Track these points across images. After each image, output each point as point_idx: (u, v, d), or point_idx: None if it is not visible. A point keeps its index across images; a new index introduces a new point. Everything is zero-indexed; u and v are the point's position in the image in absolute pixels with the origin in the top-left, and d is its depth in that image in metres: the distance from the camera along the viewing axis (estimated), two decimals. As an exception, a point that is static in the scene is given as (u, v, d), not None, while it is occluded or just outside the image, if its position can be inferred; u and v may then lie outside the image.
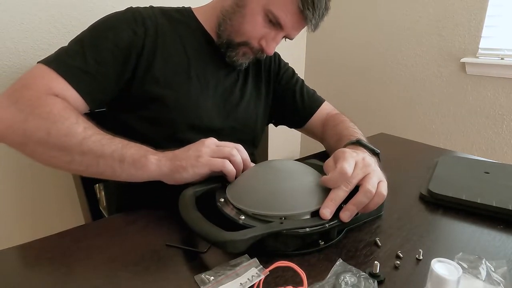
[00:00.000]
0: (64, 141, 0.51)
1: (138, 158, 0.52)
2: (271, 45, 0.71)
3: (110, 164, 0.52)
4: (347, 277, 0.36)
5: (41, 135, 0.51)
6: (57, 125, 0.52)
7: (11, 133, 0.52)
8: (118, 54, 0.64)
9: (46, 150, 0.52)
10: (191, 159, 0.52)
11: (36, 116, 0.52)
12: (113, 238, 0.48)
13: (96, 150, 0.52)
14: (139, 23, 0.67)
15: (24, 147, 0.53)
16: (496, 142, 1.36)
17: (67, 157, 0.52)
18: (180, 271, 0.40)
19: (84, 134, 0.52)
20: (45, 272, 0.40)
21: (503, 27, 1.29)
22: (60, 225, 1.11)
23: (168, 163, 0.52)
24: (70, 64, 0.60)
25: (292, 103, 0.87)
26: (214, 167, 0.52)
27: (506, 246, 0.45)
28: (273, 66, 0.86)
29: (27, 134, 0.52)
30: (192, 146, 0.54)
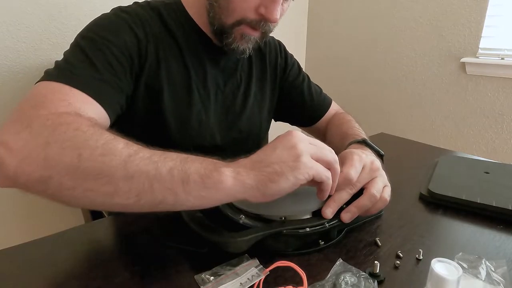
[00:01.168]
0: (102, 163, 0.37)
1: (208, 173, 0.38)
2: (272, 8, 0.58)
3: (169, 188, 0.37)
4: (347, 277, 0.36)
5: (70, 160, 0.37)
6: (90, 144, 0.38)
7: (27, 165, 0.37)
8: (123, 60, 0.57)
9: (78, 181, 0.37)
10: (287, 161, 0.39)
11: (60, 137, 0.38)
12: (113, 238, 0.48)
13: (148, 170, 0.37)
14: (139, 26, 0.61)
15: (47, 183, 0.37)
16: (496, 142, 1.36)
17: (108, 187, 0.36)
18: (180, 271, 0.40)
19: (128, 150, 0.38)
20: (45, 272, 0.40)
21: (503, 27, 1.29)
22: (60, 225, 1.11)
23: (252, 173, 0.39)
24: (81, 74, 0.51)
25: (300, 102, 0.84)
26: (319, 174, 0.40)
27: (506, 246, 0.45)
28: (280, 61, 0.82)
29: (50, 163, 0.37)
30: (278, 144, 0.41)
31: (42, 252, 0.43)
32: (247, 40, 0.63)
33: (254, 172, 0.39)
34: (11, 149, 0.38)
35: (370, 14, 1.68)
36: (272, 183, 0.38)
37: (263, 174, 0.38)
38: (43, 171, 0.37)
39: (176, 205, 0.38)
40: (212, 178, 0.37)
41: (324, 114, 0.86)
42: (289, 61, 0.84)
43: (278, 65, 0.82)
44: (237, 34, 0.62)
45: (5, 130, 0.41)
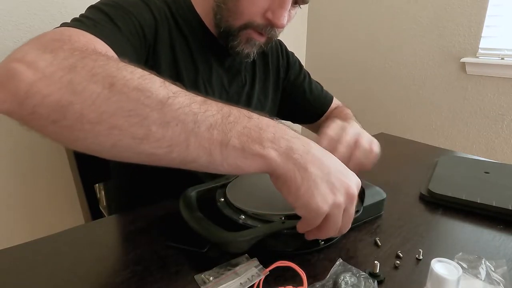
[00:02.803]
0: (136, 100, 0.31)
1: (250, 143, 0.34)
2: (280, 14, 0.57)
3: (206, 147, 0.33)
4: (347, 277, 0.36)
5: (99, 88, 0.31)
6: (124, 74, 0.32)
7: (46, 86, 0.31)
8: (140, 32, 0.55)
9: (104, 115, 0.31)
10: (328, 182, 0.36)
11: (89, 63, 0.32)
12: (113, 238, 0.48)
13: (186, 121, 0.32)
14: (156, 10, 0.59)
15: (66, 111, 0.30)
16: (496, 142, 1.36)
17: (139, 129, 0.31)
18: (180, 271, 0.40)
19: (166, 90, 0.33)
20: (45, 272, 0.40)
21: (503, 27, 1.29)
22: (60, 225, 1.11)
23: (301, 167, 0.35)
24: (103, 29, 0.47)
25: (302, 101, 0.85)
26: (333, 225, 0.38)
27: (506, 246, 0.45)
28: (282, 62, 0.82)
29: (75, 87, 0.31)
30: (333, 158, 0.39)
31: (42, 252, 0.43)
32: (252, 44, 0.63)
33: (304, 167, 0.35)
34: (29, 64, 0.32)
35: (370, 14, 1.68)
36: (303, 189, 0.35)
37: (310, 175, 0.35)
38: (65, 95, 0.30)
39: (209, 167, 0.34)
40: (254, 150, 0.34)
41: (326, 111, 0.87)
42: (291, 60, 0.85)
43: (280, 66, 0.82)
44: (243, 38, 0.62)
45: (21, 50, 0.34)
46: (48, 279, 0.38)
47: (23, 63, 0.32)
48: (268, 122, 0.36)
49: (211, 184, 0.53)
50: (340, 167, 0.39)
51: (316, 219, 0.37)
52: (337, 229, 0.39)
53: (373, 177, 0.58)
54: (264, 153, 0.34)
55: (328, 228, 0.38)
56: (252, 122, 0.35)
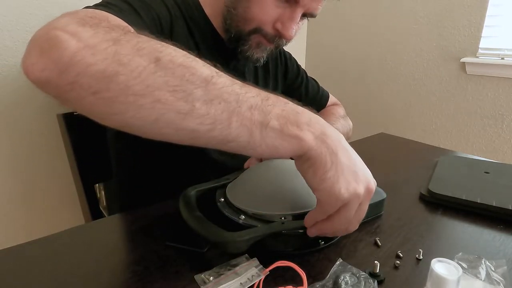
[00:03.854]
0: (181, 75, 0.32)
1: (288, 124, 0.34)
2: (289, 26, 0.59)
3: (248, 126, 0.33)
4: (347, 277, 0.36)
5: (145, 61, 0.31)
6: (169, 51, 0.33)
7: (91, 55, 0.30)
8: (159, 27, 0.56)
9: (150, 88, 0.31)
10: (354, 173, 0.37)
11: (133, 38, 0.33)
12: (113, 238, 0.48)
13: (229, 100, 0.32)
14: (170, 6, 0.60)
15: (110, 81, 0.30)
16: (496, 142, 1.36)
17: (183, 104, 0.31)
18: (180, 271, 0.40)
19: (210, 70, 0.34)
20: (45, 272, 0.40)
21: (503, 27, 1.29)
22: (60, 225, 1.11)
23: (324, 146, 0.35)
24: (128, 16, 0.48)
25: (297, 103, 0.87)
26: (345, 217, 0.38)
27: (506, 246, 0.45)
28: (280, 67, 0.83)
29: (121, 58, 0.31)
30: (358, 157, 0.39)
31: (42, 252, 0.43)
32: (263, 49, 0.63)
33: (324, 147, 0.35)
34: (74, 33, 0.31)
35: (370, 13, 1.68)
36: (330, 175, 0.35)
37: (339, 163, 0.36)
38: (110, 66, 0.30)
39: (246, 148, 0.34)
40: (292, 131, 0.34)
41: (320, 110, 0.89)
42: (289, 64, 0.86)
43: (279, 71, 0.83)
44: (253, 42, 0.62)
45: (60, 21, 0.34)
46: (48, 279, 0.38)
47: (66, 32, 0.31)
48: (303, 108, 0.37)
49: (211, 184, 0.53)
50: (363, 164, 0.40)
51: (334, 206, 0.37)
52: (346, 225, 0.39)
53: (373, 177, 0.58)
54: (301, 134, 0.34)
55: (339, 221, 0.38)
56: (289, 106, 0.36)
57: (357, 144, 0.91)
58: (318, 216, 0.39)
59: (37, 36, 0.33)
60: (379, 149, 0.88)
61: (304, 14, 0.61)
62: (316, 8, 0.61)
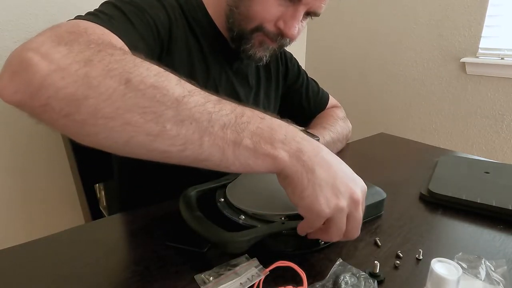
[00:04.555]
0: (152, 96, 0.31)
1: (262, 143, 0.34)
2: (291, 24, 0.58)
3: (219, 146, 0.33)
4: (347, 277, 0.36)
5: (116, 83, 0.31)
6: (141, 71, 0.32)
7: (61, 78, 0.30)
8: (154, 30, 0.55)
9: (120, 110, 0.31)
10: (333, 187, 0.36)
11: (106, 57, 0.32)
12: (113, 238, 0.48)
13: (200, 120, 0.32)
14: (171, 9, 0.60)
15: (80, 105, 0.30)
16: (496, 142, 1.36)
17: (153, 125, 0.31)
18: (180, 271, 0.40)
19: (182, 89, 0.33)
20: (45, 272, 0.40)
21: (503, 27, 1.29)
22: (60, 225, 1.11)
23: (298, 165, 0.35)
24: (118, 25, 0.47)
25: (298, 105, 0.87)
26: (335, 228, 0.37)
27: (506, 246, 0.45)
28: (281, 68, 0.84)
29: (91, 81, 0.30)
30: (341, 163, 0.39)
31: (42, 252, 0.43)
32: (265, 48, 0.63)
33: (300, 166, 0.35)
34: (44, 55, 0.31)
35: (370, 14, 1.68)
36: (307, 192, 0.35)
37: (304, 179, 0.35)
38: (80, 89, 0.30)
39: (220, 166, 0.35)
40: (265, 150, 0.34)
41: (320, 112, 0.89)
42: (289, 65, 0.86)
43: (279, 72, 0.83)
44: (256, 41, 0.62)
45: (35, 40, 0.34)
46: (48, 279, 0.38)
47: (38, 54, 0.31)
48: (280, 123, 0.37)
49: (211, 184, 0.53)
50: (347, 171, 0.39)
51: (317, 221, 0.37)
52: (341, 234, 0.39)
53: (373, 177, 0.58)
54: (275, 153, 0.34)
55: (331, 232, 0.38)
56: (265, 122, 0.35)
57: (357, 144, 0.91)
58: (307, 228, 0.39)
59: (11, 57, 0.33)
60: (379, 149, 0.88)
61: (307, 13, 0.60)
62: (320, 7, 0.60)
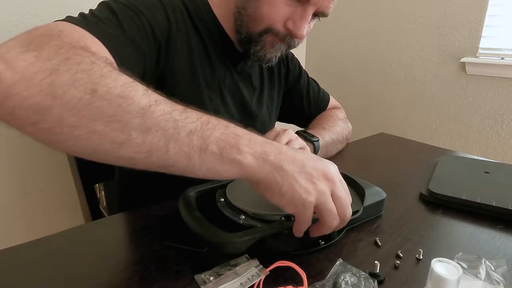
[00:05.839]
0: (117, 106, 0.32)
1: (228, 148, 0.35)
2: (300, 25, 0.58)
3: (185, 152, 0.34)
4: (347, 277, 0.36)
5: (81, 93, 0.31)
6: (107, 81, 0.33)
7: (26, 88, 0.31)
8: (150, 34, 0.55)
9: (84, 120, 0.31)
10: (305, 174, 0.37)
11: (73, 66, 0.32)
12: (113, 238, 0.48)
13: (166, 128, 0.33)
14: (172, 11, 0.59)
15: (45, 114, 0.31)
16: (496, 142, 1.36)
17: (119, 134, 0.32)
18: (180, 271, 0.40)
19: (148, 98, 0.34)
20: (45, 272, 0.40)
21: (503, 27, 1.29)
22: (60, 225, 1.11)
23: (265, 167, 0.36)
24: (105, 29, 0.47)
25: (299, 106, 0.87)
26: (327, 212, 0.38)
27: (506, 246, 0.45)
28: (283, 69, 0.83)
29: (55, 91, 0.31)
30: (304, 152, 0.40)
31: (42, 252, 0.43)
32: (277, 49, 0.62)
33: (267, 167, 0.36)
34: (10, 64, 0.32)
35: (370, 13, 1.68)
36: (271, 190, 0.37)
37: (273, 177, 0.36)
38: (45, 99, 0.31)
39: (186, 171, 0.35)
40: (231, 155, 0.35)
41: (320, 113, 0.89)
42: (291, 65, 0.85)
43: (281, 73, 0.83)
44: (266, 42, 0.61)
45: (5, 46, 0.34)
46: (47, 279, 0.38)
47: (3, 62, 0.32)
48: (243, 130, 0.38)
49: (211, 184, 0.53)
50: (312, 157, 0.39)
51: (306, 213, 0.37)
52: (336, 216, 0.38)
53: (373, 177, 0.58)
54: (240, 158, 0.35)
55: (326, 218, 0.38)
56: (230, 129, 0.36)
57: (357, 144, 0.91)
58: (301, 226, 0.39)
59: None
60: (379, 149, 0.88)
61: (315, 13, 0.60)
62: (328, 7, 0.59)
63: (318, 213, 0.38)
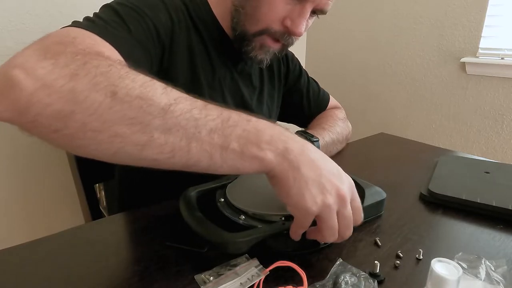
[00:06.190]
0: (138, 108, 0.32)
1: (248, 145, 0.35)
2: (298, 22, 0.58)
3: (207, 151, 0.34)
4: (347, 277, 0.36)
5: (101, 97, 0.31)
6: (126, 82, 0.33)
7: (47, 95, 0.31)
8: (154, 34, 0.55)
9: (107, 123, 0.31)
10: (319, 184, 0.36)
11: (92, 70, 0.33)
12: (113, 238, 0.48)
13: (187, 127, 0.33)
14: (174, 11, 0.59)
15: (67, 120, 0.31)
16: (496, 142, 1.36)
17: (141, 136, 0.32)
18: (180, 271, 0.40)
19: (166, 98, 0.34)
20: (45, 272, 0.40)
21: (503, 26, 1.29)
22: (60, 225, 1.11)
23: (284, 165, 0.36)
24: (114, 31, 0.48)
25: (299, 106, 0.87)
26: (327, 227, 0.37)
27: (506, 246, 0.45)
28: (283, 69, 0.84)
29: (76, 96, 0.31)
30: (328, 161, 0.39)
31: (42, 252, 0.43)
32: (266, 51, 0.62)
33: (286, 164, 0.35)
34: (29, 72, 0.32)
35: (370, 13, 1.68)
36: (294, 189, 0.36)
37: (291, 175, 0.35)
38: (66, 105, 0.31)
39: (209, 169, 0.35)
40: (252, 152, 0.35)
41: (320, 113, 0.89)
42: (291, 65, 0.85)
43: (281, 72, 0.83)
44: (257, 44, 0.61)
45: (22, 55, 0.34)
46: (48, 279, 0.38)
47: (23, 71, 0.32)
48: (266, 124, 0.37)
49: (211, 184, 0.53)
50: (333, 169, 0.39)
51: (305, 220, 0.37)
52: (335, 233, 0.38)
53: (373, 177, 0.58)
54: (261, 155, 0.35)
55: (324, 231, 0.38)
56: (251, 124, 0.36)
57: (357, 144, 0.91)
58: (298, 228, 0.39)
59: None
60: (379, 149, 0.88)
61: (314, 11, 0.60)
62: (327, 4, 0.59)
63: (318, 224, 0.38)
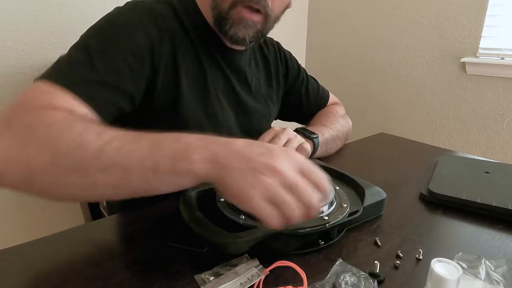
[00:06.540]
0: (77, 157, 0.37)
1: (177, 162, 0.36)
2: None
3: (143, 177, 0.37)
4: (347, 277, 0.36)
5: (46, 158, 0.37)
6: (64, 137, 0.38)
7: (10, 168, 0.38)
8: (132, 62, 0.55)
9: (57, 177, 0.37)
10: (252, 170, 0.35)
11: (36, 136, 0.39)
12: (113, 238, 0.48)
13: (120, 162, 0.37)
14: (153, 23, 0.59)
15: (31, 182, 0.38)
16: (496, 142, 1.36)
17: (87, 180, 0.37)
18: (180, 271, 0.40)
19: (99, 141, 0.38)
20: (45, 272, 0.40)
21: (503, 26, 1.29)
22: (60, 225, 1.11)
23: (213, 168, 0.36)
24: (76, 75, 0.50)
25: (298, 104, 0.87)
26: (282, 204, 0.34)
27: (506, 246, 0.45)
28: (281, 68, 0.83)
29: (29, 164, 0.38)
30: (258, 146, 0.38)
31: (42, 252, 0.43)
32: (245, 25, 0.60)
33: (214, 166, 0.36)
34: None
35: (370, 13, 1.68)
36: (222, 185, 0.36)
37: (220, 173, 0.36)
38: (25, 172, 0.38)
39: (154, 192, 0.38)
40: (183, 167, 0.36)
41: (320, 111, 0.89)
42: (289, 64, 0.85)
43: (280, 72, 0.83)
44: (234, 19, 0.59)
45: None
46: (48, 280, 0.38)
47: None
48: (195, 138, 0.39)
49: (211, 184, 0.53)
50: (260, 149, 0.37)
51: (261, 209, 0.34)
52: (294, 207, 0.35)
53: (373, 177, 0.58)
54: (191, 167, 0.36)
55: (285, 211, 0.35)
56: (179, 142, 0.38)
57: (357, 144, 0.91)
58: (267, 221, 0.35)
59: None
60: (379, 149, 0.88)
61: None
62: None
63: (276, 208, 0.35)
